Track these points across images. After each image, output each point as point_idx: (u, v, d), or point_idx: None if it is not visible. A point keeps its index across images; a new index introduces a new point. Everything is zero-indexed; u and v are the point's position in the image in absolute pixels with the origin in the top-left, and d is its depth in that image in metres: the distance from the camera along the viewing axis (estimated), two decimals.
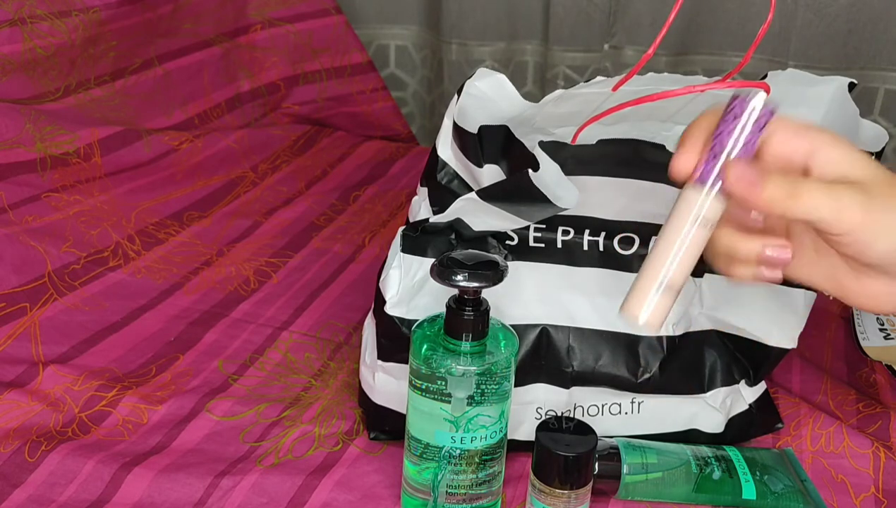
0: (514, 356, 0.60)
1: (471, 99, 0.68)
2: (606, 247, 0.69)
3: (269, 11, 1.33)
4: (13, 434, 0.69)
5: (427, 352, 0.59)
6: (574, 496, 0.61)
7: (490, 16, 1.46)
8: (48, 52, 1.00)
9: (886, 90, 1.31)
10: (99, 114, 1.06)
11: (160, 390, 0.76)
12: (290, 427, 0.72)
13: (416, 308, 0.67)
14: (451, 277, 0.57)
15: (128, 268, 0.93)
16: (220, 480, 0.66)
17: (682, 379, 0.69)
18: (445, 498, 0.61)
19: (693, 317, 0.70)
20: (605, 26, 1.40)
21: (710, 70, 1.36)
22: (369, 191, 1.18)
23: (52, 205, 0.94)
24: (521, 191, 0.61)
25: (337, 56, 1.38)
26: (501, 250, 0.68)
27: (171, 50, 1.19)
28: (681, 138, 0.46)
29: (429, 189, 0.70)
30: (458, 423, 0.59)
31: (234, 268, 0.96)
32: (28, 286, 0.84)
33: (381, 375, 0.69)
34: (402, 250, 0.67)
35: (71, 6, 1.02)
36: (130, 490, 0.65)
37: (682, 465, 0.66)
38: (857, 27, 1.28)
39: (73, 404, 0.73)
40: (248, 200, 1.11)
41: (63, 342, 0.81)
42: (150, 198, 1.04)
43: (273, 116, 1.33)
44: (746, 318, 0.69)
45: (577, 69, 1.45)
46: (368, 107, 1.40)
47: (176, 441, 0.70)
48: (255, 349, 0.83)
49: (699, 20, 1.35)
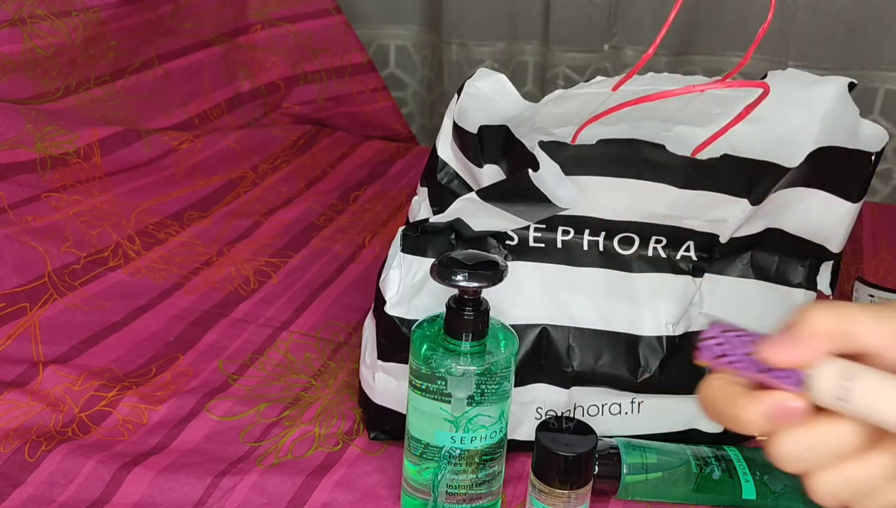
0: (514, 356, 0.60)
1: (471, 99, 0.68)
2: (606, 247, 0.69)
3: (269, 11, 1.32)
4: (13, 435, 0.69)
5: (427, 352, 0.59)
6: (574, 496, 0.61)
7: (490, 16, 1.46)
8: (48, 52, 1.00)
9: (886, 90, 1.31)
10: (99, 114, 1.06)
11: (160, 390, 0.76)
12: (290, 427, 0.72)
13: (416, 308, 0.67)
14: (451, 277, 0.57)
15: (128, 268, 0.93)
16: (220, 480, 0.66)
17: (682, 379, 0.69)
18: (445, 498, 0.61)
19: (693, 317, 0.70)
20: (605, 26, 1.40)
21: (710, 70, 1.36)
22: (369, 191, 1.18)
23: (52, 205, 0.94)
24: (521, 191, 0.61)
25: (337, 56, 1.38)
26: (501, 250, 0.68)
27: (171, 50, 1.19)
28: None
29: (429, 189, 0.70)
30: (458, 423, 0.59)
31: (234, 268, 0.96)
32: (28, 286, 0.84)
33: (381, 375, 0.69)
34: (402, 250, 0.67)
35: (71, 6, 1.02)
36: (130, 490, 0.65)
37: (682, 465, 0.66)
38: (857, 27, 1.28)
39: (73, 404, 0.73)
40: (248, 200, 1.11)
41: (63, 342, 0.81)
42: (150, 198, 1.04)
43: (273, 116, 1.33)
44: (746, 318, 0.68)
45: (577, 69, 1.45)
46: (368, 107, 1.40)
47: (176, 441, 0.70)
48: (255, 349, 0.83)
49: (699, 20, 1.35)
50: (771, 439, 0.40)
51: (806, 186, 0.66)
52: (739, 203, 0.65)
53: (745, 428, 0.40)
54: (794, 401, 0.39)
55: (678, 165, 0.62)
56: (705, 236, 0.68)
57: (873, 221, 1.13)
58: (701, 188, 0.64)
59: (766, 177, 0.63)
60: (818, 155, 0.64)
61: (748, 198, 0.65)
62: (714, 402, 0.42)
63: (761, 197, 0.64)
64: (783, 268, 0.70)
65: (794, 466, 0.39)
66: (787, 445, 0.39)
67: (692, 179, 0.63)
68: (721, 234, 0.68)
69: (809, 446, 0.39)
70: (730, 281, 0.70)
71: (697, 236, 0.69)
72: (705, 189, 0.64)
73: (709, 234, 0.68)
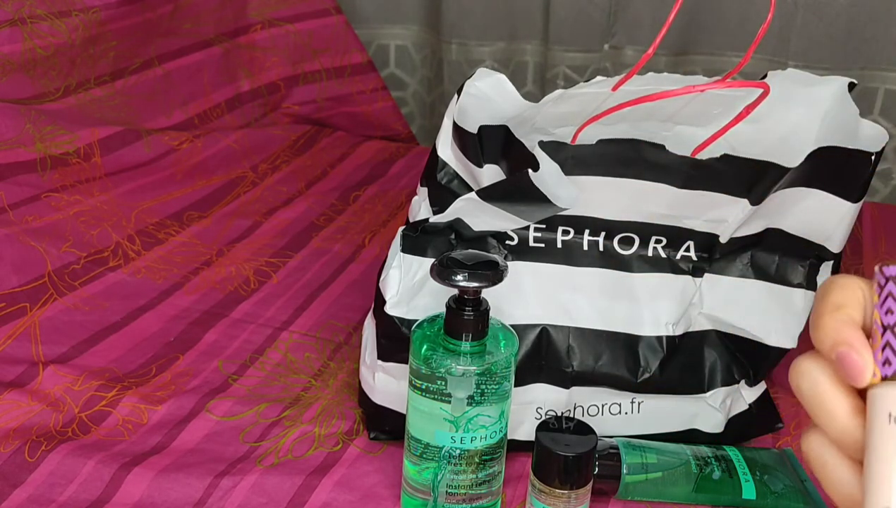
0: (514, 356, 0.60)
1: (471, 99, 0.68)
2: (606, 247, 0.69)
3: (269, 11, 1.32)
4: (13, 435, 0.69)
5: (427, 352, 0.59)
6: (574, 496, 0.61)
7: (490, 16, 1.46)
8: (48, 52, 1.00)
9: (886, 90, 1.31)
10: (99, 114, 1.06)
11: (160, 390, 0.76)
12: (290, 427, 0.72)
13: (416, 308, 0.67)
14: (451, 277, 0.57)
15: (128, 268, 0.93)
16: (220, 480, 0.66)
17: (682, 379, 0.69)
18: (445, 498, 0.61)
19: (693, 317, 0.70)
20: (605, 26, 1.40)
21: (710, 70, 1.36)
22: (369, 191, 1.18)
23: (52, 205, 0.94)
24: (521, 191, 0.61)
25: (337, 56, 1.38)
26: (501, 250, 0.68)
27: (171, 50, 1.19)
28: (838, 340, 0.35)
29: (429, 189, 0.70)
30: (458, 423, 0.59)
31: (234, 268, 0.96)
32: (28, 286, 0.84)
33: (381, 375, 0.69)
34: (402, 250, 0.67)
35: (71, 6, 1.02)
36: (130, 490, 0.65)
37: (681, 465, 0.66)
38: (857, 27, 1.28)
39: (73, 404, 0.73)
40: (248, 200, 1.11)
41: (63, 342, 0.81)
42: (150, 198, 1.04)
43: (273, 116, 1.33)
44: (746, 318, 0.69)
45: (577, 69, 1.45)
46: (368, 107, 1.40)
47: (176, 441, 0.70)
48: (255, 349, 0.83)
49: (699, 20, 1.35)
50: (803, 434, 0.36)
51: (806, 186, 0.66)
52: (739, 203, 0.65)
53: (812, 332, 0.36)
54: (862, 363, 0.34)
55: (678, 165, 0.62)
56: (705, 236, 0.68)
57: (873, 221, 1.13)
58: (701, 188, 0.64)
59: (766, 177, 0.63)
60: (818, 155, 0.64)
61: (748, 198, 0.65)
62: (828, 302, 0.36)
63: (761, 197, 0.64)
64: (783, 268, 0.70)
65: (798, 386, 0.36)
66: (810, 445, 0.36)
67: (692, 179, 0.63)
68: (721, 234, 0.68)
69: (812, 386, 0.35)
70: (730, 281, 0.70)
71: (697, 236, 0.69)
72: (705, 189, 0.64)
73: (709, 234, 0.68)
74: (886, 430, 0.34)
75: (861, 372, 0.35)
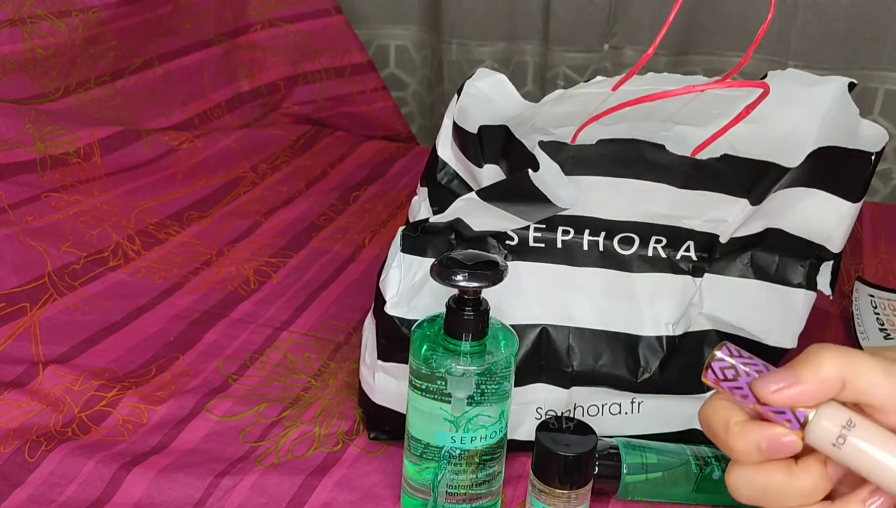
0: (514, 356, 0.60)
1: (471, 99, 0.68)
2: (606, 247, 0.69)
3: (269, 11, 1.33)
4: (13, 435, 0.69)
5: (427, 352, 0.59)
6: (574, 496, 0.61)
7: (490, 16, 1.46)
8: (48, 52, 1.00)
9: (886, 90, 1.31)
10: (99, 114, 1.06)
11: (160, 390, 0.76)
12: (290, 427, 0.72)
13: (416, 308, 0.67)
14: (451, 277, 0.57)
15: (128, 268, 0.93)
16: (219, 480, 0.66)
17: (681, 379, 0.69)
18: (445, 498, 0.61)
19: (693, 317, 0.70)
20: (605, 26, 1.40)
21: (710, 70, 1.36)
22: (369, 191, 1.18)
23: (52, 205, 0.94)
24: (521, 191, 0.61)
25: (337, 56, 1.38)
26: (501, 250, 0.68)
27: (171, 50, 1.19)
28: (754, 443, 0.40)
29: (429, 189, 0.70)
30: (458, 423, 0.59)
31: (234, 268, 0.96)
32: (28, 286, 0.84)
33: (381, 375, 0.69)
34: (402, 250, 0.67)
35: (71, 6, 1.02)
36: (130, 490, 0.65)
37: (682, 465, 0.66)
38: (857, 27, 1.28)
39: (73, 404, 0.73)
40: (248, 200, 1.11)
41: (63, 342, 0.81)
42: (150, 198, 1.04)
43: (273, 116, 1.33)
44: (746, 318, 0.69)
45: (577, 69, 1.45)
46: (368, 107, 1.40)
47: (176, 441, 0.70)
48: (255, 349, 0.83)
49: (699, 20, 1.35)
50: (729, 468, 0.41)
51: (806, 186, 0.66)
52: (739, 203, 0.65)
53: (736, 457, 0.41)
54: (789, 438, 0.39)
55: (678, 165, 0.62)
56: (705, 236, 0.68)
57: (873, 221, 1.13)
58: (701, 188, 0.64)
59: (766, 177, 0.63)
60: (818, 155, 0.64)
61: (748, 198, 0.65)
62: (712, 424, 0.42)
63: (761, 197, 0.64)
64: (783, 268, 0.70)
65: (742, 499, 0.41)
66: (738, 480, 0.41)
67: (692, 179, 0.64)
68: (721, 234, 0.68)
69: (760, 489, 0.40)
70: (730, 281, 0.70)
71: (697, 236, 0.69)
72: (705, 189, 0.64)
73: (709, 234, 0.68)
74: (840, 453, 0.39)
75: (793, 443, 0.40)
